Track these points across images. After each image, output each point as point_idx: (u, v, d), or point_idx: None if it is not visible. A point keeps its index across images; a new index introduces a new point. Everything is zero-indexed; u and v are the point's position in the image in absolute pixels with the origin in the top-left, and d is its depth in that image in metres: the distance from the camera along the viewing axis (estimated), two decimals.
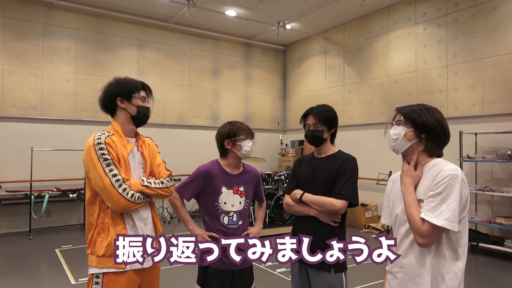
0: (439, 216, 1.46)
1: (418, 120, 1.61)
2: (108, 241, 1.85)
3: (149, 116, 2.07)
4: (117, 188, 1.80)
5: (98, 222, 1.88)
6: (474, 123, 6.05)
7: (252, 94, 9.80)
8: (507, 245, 5.24)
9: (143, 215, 1.98)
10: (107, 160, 1.83)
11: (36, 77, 7.14)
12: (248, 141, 2.28)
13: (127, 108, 1.99)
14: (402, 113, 1.68)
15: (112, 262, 1.77)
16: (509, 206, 5.61)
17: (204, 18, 8.29)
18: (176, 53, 8.70)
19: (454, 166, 1.54)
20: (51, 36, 7.28)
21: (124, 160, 1.92)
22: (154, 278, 2.06)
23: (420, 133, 1.62)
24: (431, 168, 1.59)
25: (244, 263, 2.28)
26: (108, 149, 1.85)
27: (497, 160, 5.46)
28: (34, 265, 4.91)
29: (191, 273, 4.41)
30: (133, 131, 2.05)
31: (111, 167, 1.83)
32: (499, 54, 5.79)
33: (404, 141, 1.64)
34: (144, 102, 2.03)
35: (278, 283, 4.32)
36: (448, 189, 1.48)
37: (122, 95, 1.98)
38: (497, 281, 4.50)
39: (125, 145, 1.97)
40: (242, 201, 2.29)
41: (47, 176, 7.09)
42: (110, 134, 1.94)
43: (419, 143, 1.63)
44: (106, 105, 2.02)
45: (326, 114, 2.30)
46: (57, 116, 7.30)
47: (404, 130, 1.63)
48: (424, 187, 1.57)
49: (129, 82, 2.01)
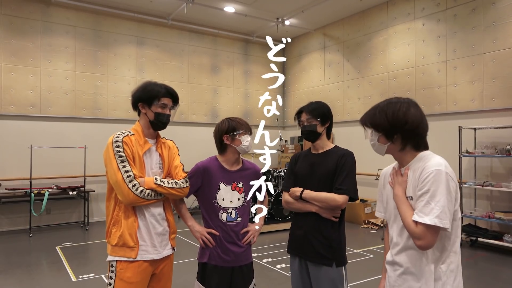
0: (429, 214, 1.44)
1: (380, 125, 1.59)
2: (120, 232, 1.99)
3: (167, 123, 2.16)
4: (127, 183, 1.92)
5: (113, 214, 2.04)
6: (473, 118, 6.05)
7: (251, 91, 9.79)
8: (506, 240, 5.26)
9: (155, 211, 2.09)
10: (121, 157, 1.96)
11: (35, 74, 7.12)
12: (247, 135, 2.28)
13: (147, 113, 2.11)
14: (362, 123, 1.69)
15: (124, 251, 1.99)
16: (508, 201, 5.62)
17: (203, 14, 8.26)
18: (174, 50, 8.68)
19: (438, 161, 1.51)
20: (49, 34, 7.26)
21: (139, 158, 2.04)
22: (167, 268, 2.18)
23: (391, 135, 1.59)
24: (416, 164, 1.57)
25: (244, 259, 2.29)
26: (124, 147, 1.98)
27: (496, 155, 5.47)
28: (34, 263, 4.92)
29: (192, 269, 4.43)
30: (153, 133, 2.17)
31: (125, 164, 1.96)
32: (498, 49, 5.78)
33: (381, 146, 1.64)
34: (165, 109, 2.12)
35: (278, 279, 4.34)
36: (434, 186, 1.46)
37: (143, 101, 2.10)
38: (496, 276, 4.52)
39: (143, 145, 2.08)
40: (241, 198, 2.29)
41: (46, 174, 7.09)
42: (129, 134, 2.06)
43: (394, 144, 1.61)
44: (133, 106, 2.16)
45: (318, 108, 2.33)
46: (56, 113, 7.29)
47: (376, 135, 1.63)
48: (412, 185, 1.56)
49: (152, 89, 2.10)
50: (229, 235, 2.24)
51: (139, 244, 2.01)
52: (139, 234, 2.02)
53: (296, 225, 2.37)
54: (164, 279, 2.17)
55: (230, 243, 2.24)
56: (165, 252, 2.12)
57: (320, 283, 2.20)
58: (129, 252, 1.99)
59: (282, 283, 4.22)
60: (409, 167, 1.60)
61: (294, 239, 2.35)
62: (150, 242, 2.05)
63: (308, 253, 2.24)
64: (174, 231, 2.21)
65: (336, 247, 2.20)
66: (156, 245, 2.07)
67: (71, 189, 6.89)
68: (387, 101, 1.64)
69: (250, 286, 2.30)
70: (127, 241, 1.98)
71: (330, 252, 2.18)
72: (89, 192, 7.12)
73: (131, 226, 1.99)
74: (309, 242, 2.23)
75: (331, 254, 2.18)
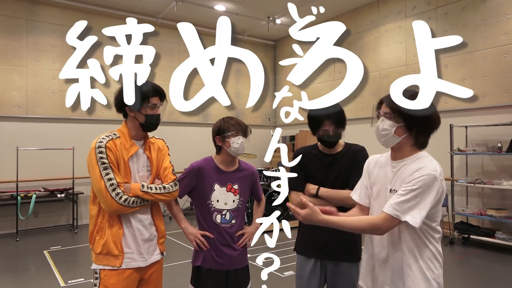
0: (405, 212, 1.47)
1: (408, 114, 1.47)
2: (104, 239, 1.93)
3: (158, 123, 2.06)
4: (110, 192, 1.85)
5: (97, 221, 1.96)
6: (465, 116, 6.07)
7: (243, 90, 9.72)
8: (498, 237, 5.28)
9: (142, 217, 2.01)
10: (104, 164, 1.88)
11: (21, 74, 6.95)
12: (238, 137, 2.19)
13: (136, 116, 2.00)
14: (389, 106, 1.56)
15: (108, 260, 1.92)
16: (500, 198, 5.65)
17: (193, 13, 8.16)
18: (164, 49, 8.56)
19: (435, 166, 1.51)
20: (35, 32, 7.09)
21: (124, 163, 1.95)
22: (156, 274, 2.10)
23: (411, 128, 1.55)
24: (413, 162, 1.56)
25: (239, 262, 2.23)
26: (107, 153, 1.89)
27: (488, 152, 5.49)
28: (21, 268, 4.79)
29: (183, 272, 4.36)
30: (141, 134, 2.07)
31: (108, 171, 1.88)
32: (489, 47, 5.81)
33: (394, 137, 1.57)
34: (155, 109, 2.02)
35: (271, 280, 4.29)
36: (422, 188, 1.46)
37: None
38: (489, 273, 4.53)
39: (128, 148, 1.99)
40: (236, 199, 2.22)
41: (34, 176, 6.93)
42: (114, 137, 1.96)
43: (408, 137, 1.57)
44: (117, 109, 2.03)
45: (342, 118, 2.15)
46: (43, 114, 7.13)
47: (394, 125, 1.55)
48: (401, 180, 1.55)
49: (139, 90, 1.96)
50: (224, 237, 2.18)
51: (124, 252, 1.93)
52: (124, 242, 1.94)
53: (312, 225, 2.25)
54: (153, 284, 2.09)
55: (224, 245, 2.18)
56: (153, 258, 2.05)
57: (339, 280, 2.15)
58: (113, 260, 1.92)
59: (276, 284, 4.16)
60: (405, 163, 1.58)
61: (312, 240, 2.20)
62: (136, 249, 1.97)
63: (333, 251, 2.15)
64: (162, 235, 2.12)
65: (357, 241, 2.18)
66: (142, 252, 1.99)
67: (59, 191, 6.74)
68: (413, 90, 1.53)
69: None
70: (111, 249, 1.91)
71: (354, 247, 2.16)
72: (77, 194, 6.98)
73: (116, 234, 1.92)
74: (329, 238, 2.14)
75: (353, 249, 2.16)
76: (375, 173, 1.72)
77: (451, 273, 4.50)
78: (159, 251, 2.10)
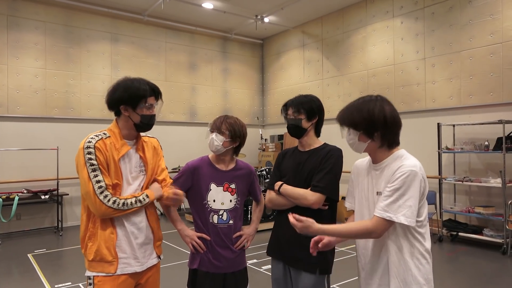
0: (396, 212, 1.51)
1: (359, 124, 1.60)
2: (97, 246, 1.84)
3: (153, 123, 1.97)
4: (98, 195, 1.77)
5: (89, 226, 1.87)
6: (452, 115, 6.15)
7: (230, 89, 9.64)
8: (485, 234, 5.37)
9: (136, 220, 1.92)
10: (93, 166, 1.79)
11: (1, 72, 6.71)
12: (214, 134, 2.12)
13: (130, 116, 1.90)
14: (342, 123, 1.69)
15: (102, 266, 1.83)
16: (487, 196, 5.75)
17: (180, 10, 8.05)
18: (151, 47, 8.42)
19: (413, 162, 1.57)
20: (17, 29, 6.86)
21: (114, 164, 1.86)
22: (154, 278, 2.03)
23: (371, 133, 1.61)
24: (394, 161, 1.62)
25: (236, 265, 2.17)
26: (96, 154, 1.80)
27: (475, 151, 5.57)
28: (5, 273, 4.61)
29: (178, 274, 4.27)
30: (134, 134, 1.97)
31: (96, 173, 1.79)
32: (474, 46, 5.89)
33: (361, 144, 1.65)
34: (151, 110, 1.92)
35: (264, 280, 4.24)
36: (406, 185, 1.52)
37: (126, 103, 1.87)
38: (477, 269, 4.59)
39: (119, 148, 1.89)
40: (233, 199, 2.17)
41: (16, 178, 6.71)
42: (104, 136, 1.87)
43: (375, 141, 1.63)
44: (110, 107, 1.93)
45: (305, 102, 2.17)
46: (25, 113, 6.90)
47: (356, 134, 1.64)
48: (385, 181, 1.60)
49: (136, 89, 1.86)
50: (221, 238, 2.12)
51: (119, 257, 1.85)
52: (119, 246, 1.85)
53: (279, 225, 2.20)
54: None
55: (222, 247, 2.12)
56: (149, 262, 1.97)
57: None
58: (107, 267, 1.83)
59: (268, 285, 4.12)
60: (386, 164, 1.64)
61: (276, 241, 2.20)
62: (131, 253, 1.88)
63: (291, 256, 2.09)
64: (159, 238, 2.05)
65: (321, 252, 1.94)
66: (138, 256, 1.90)
67: (43, 192, 6.54)
68: (361, 100, 1.66)
69: None
70: (105, 255, 1.82)
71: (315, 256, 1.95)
72: (62, 196, 6.79)
73: (109, 239, 1.83)
74: (293, 244, 2.07)
75: (315, 259, 1.95)
76: (359, 178, 1.79)
77: (441, 270, 4.55)
78: (155, 255, 2.02)
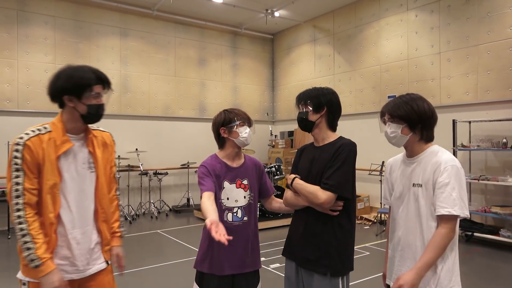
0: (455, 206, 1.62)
1: (407, 116, 1.73)
2: None
3: (102, 114, 1.80)
4: (12, 198, 1.65)
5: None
6: (468, 111, 5.95)
7: (240, 84, 9.55)
8: (502, 235, 5.18)
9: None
10: (16, 165, 1.66)
11: (11, 67, 6.73)
12: (245, 127, 2.06)
13: (76, 107, 1.74)
14: (389, 113, 1.79)
15: (35, 272, 1.66)
16: (504, 195, 5.54)
17: (190, 5, 7.97)
18: (160, 42, 8.37)
19: (452, 156, 1.70)
20: (27, 24, 6.87)
21: (51, 162, 1.70)
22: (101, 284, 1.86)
23: (414, 126, 1.74)
24: (429, 155, 1.74)
25: (249, 265, 2.09)
26: (23, 153, 1.66)
27: (492, 148, 5.37)
28: (14, 268, 4.61)
29: (181, 272, 4.21)
30: (81, 127, 1.82)
31: (18, 174, 1.66)
32: (493, 40, 5.67)
33: (402, 137, 1.76)
34: (98, 99, 1.76)
35: (272, 279, 4.15)
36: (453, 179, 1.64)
37: (70, 93, 1.72)
38: (493, 271, 4.42)
39: (59, 145, 1.73)
40: (247, 195, 2.08)
41: None
42: (43, 131, 1.73)
43: (415, 134, 1.76)
44: (52, 98, 1.78)
45: (312, 95, 2.00)
46: (35, 108, 6.92)
47: (399, 127, 1.75)
48: (423, 173, 1.72)
49: (80, 78, 1.71)
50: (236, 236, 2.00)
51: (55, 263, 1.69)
52: (56, 252, 1.71)
53: (292, 223, 2.10)
54: None
55: (235, 246, 2.00)
56: (94, 268, 1.82)
57: None
58: None
59: (277, 284, 4.03)
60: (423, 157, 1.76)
61: (289, 240, 2.09)
62: (69, 260, 1.74)
63: (302, 257, 1.98)
64: (107, 242, 1.90)
65: (333, 253, 1.89)
66: (77, 264, 1.76)
67: None
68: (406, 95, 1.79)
69: None
70: None
71: (327, 258, 1.89)
72: None
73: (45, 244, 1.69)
74: (303, 244, 1.97)
75: (326, 261, 1.87)
76: (394, 174, 1.89)
77: None
78: (103, 259, 1.87)
